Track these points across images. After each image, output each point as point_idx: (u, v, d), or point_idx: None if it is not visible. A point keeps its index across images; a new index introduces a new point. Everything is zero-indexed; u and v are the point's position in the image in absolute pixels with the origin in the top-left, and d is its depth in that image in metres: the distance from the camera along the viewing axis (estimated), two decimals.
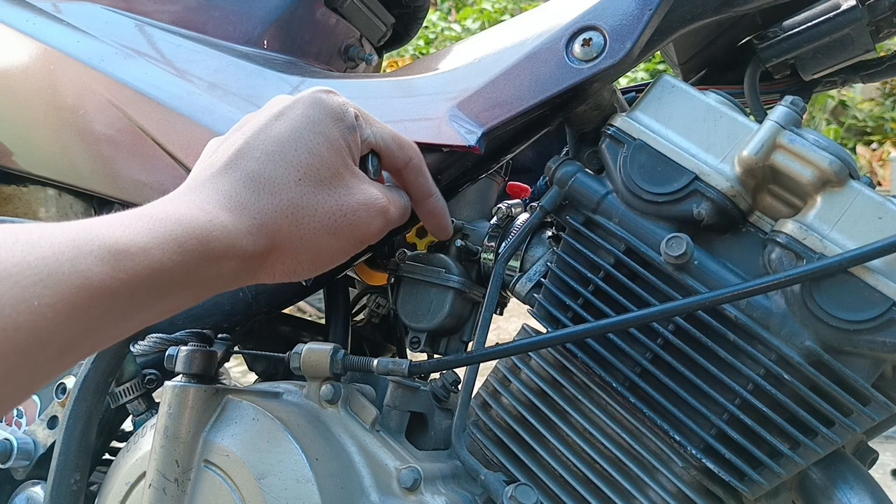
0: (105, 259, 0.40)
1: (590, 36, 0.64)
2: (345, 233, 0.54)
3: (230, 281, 0.50)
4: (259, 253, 0.50)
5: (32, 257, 0.37)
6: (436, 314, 0.77)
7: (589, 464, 0.62)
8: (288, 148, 0.52)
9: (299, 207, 0.52)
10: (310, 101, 0.55)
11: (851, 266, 0.53)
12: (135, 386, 0.72)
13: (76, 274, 0.38)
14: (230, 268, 0.48)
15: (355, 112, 0.58)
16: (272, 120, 0.54)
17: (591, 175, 0.66)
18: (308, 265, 0.54)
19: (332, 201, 0.53)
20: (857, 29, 0.72)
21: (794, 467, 0.56)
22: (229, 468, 0.59)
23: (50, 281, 0.37)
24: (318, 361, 0.64)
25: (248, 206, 0.50)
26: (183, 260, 0.44)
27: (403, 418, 0.67)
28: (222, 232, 0.47)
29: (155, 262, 0.42)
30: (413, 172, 0.62)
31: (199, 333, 0.68)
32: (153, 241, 0.43)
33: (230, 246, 0.47)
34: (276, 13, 0.92)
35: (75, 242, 0.39)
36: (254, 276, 0.52)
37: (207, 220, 0.47)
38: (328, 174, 0.53)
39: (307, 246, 0.53)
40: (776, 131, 0.57)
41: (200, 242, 0.45)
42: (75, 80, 0.84)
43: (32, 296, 0.36)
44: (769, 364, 0.56)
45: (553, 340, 0.61)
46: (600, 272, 0.64)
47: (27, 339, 0.36)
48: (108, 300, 0.40)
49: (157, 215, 0.45)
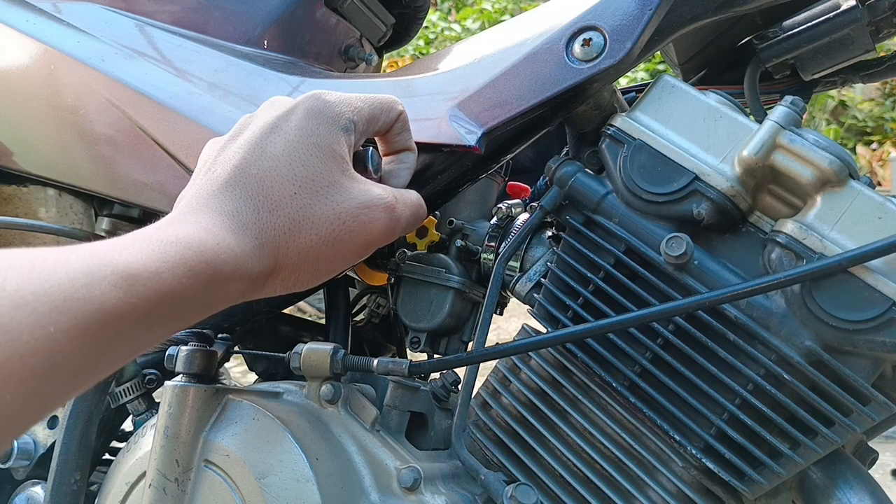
0: (118, 284, 0.41)
1: (590, 36, 0.64)
2: (344, 241, 0.54)
3: (235, 299, 0.51)
4: (264, 273, 0.51)
5: (48, 284, 0.38)
6: (436, 314, 0.77)
7: (589, 464, 0.62)
8: (283, 164, 0.53)
9: (296, 222, 0.52)
10: (303, 112, 0.55)
11: (851, 266, 0.53)
12: (135, 386, 0.72)
13: (90, 300, 0.39)
14: (236, 288, 0.49)
15: (351, 112, 0.58)
16: (268, 133, 0.54)
17: (591, 175, 0.66)
18: (309, 277, 0.55)
19: (328, 211, 0.53)
20: (856, 29, 0.72)
21: (794, 467, 0.56)
22: (229, 468, 0.59)
23: (65, 307, 0.38)
24: (318, 361, 0.64)
25: (251, 227, 0.51)
26: (192, 283, 0.45)
27: (403, 418, 0.67)
28: (230, 255, 0.48)
29: (165, 286, 0.43)
30: (399, 126, 0.63)
31: (199, 333, 0.68)
32: (164, 265, 0.44)
33: (237, 268, 0.48)
34: (276, 13, 0.92)
35: (89, 269, 0.40)
36: (258, 293, 0.53)
37: (215, 244, 0.47)
38: (323, 184, 0.54)
39: (307, 259, 0.53)
40: (776, 131, 0.57)
41: (209, 266, 0.46)
42: (75, 80, 0.84)
43: (48, 322, 0.37)
44: (769, 364, 0.56)
45: (553, 340, 0.61)
46: (600, 272, 0.64)
47: (43, 364, 0.37)
48: (120, 324, 0.41)
49: (166, 238, 0.46)
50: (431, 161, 0.70)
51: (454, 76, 0.70)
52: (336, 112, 0.56)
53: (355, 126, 0.57)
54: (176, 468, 0.60)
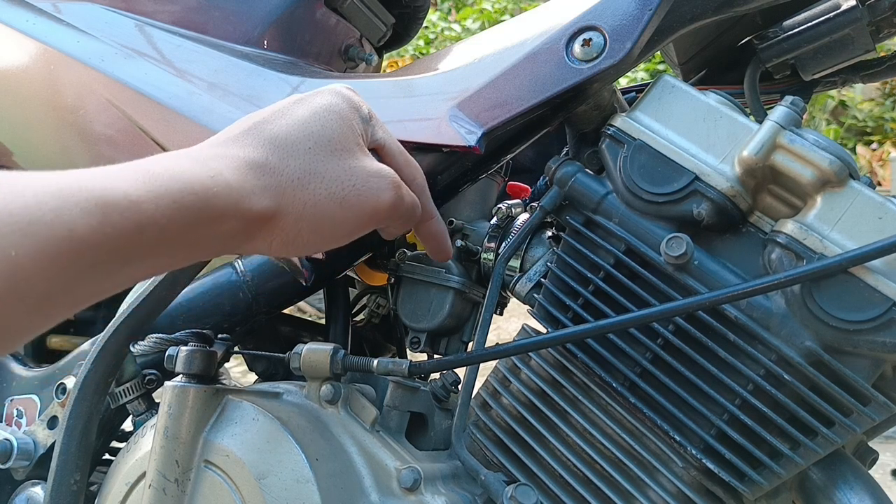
0: (91, 211, 0.38)
1: (590, 36, 0.64)
2: (352, 203, 0.52)
3: (226, 242, 0.47)
4: (262, 215, 0.48)
5: (14, 205, 0.36)
6: (436, 314, 0.77)
7: (589, 464, 0.62)
8: (303, 123, 0.52)
9: (308, 172, 0.50)
10: (329, 92, 0.56)
11: (852, 266, 0.53)
12: (135, 386, 0.72)
13: (59, 225, 0.37)
14: (229, 228, 0.46)
15: (370, 112, 0.58)
16: (293, 104, 0.54)
17: (591, 175, 0.66)
18: (309, 235, 0.52)
19: (341, 170, 0.52)
20: (857, 29, 0.72)
21: (794, 467, 0.56)
22: (229, 468, 0.59)
23: (30, 230, 0.36)
24: (318, 362, 0.64)
25: (257, 167, 0.48)
26: (178, 216, 0.42)
27: (403, 418, 0.67)
28: (225, 189, 0.45)
29: (145, 217, 0.40)
30: (417, 190, 0.60)
31: (199, 334, 0.68)
32: (147, 194, 0.41)
33: (232, 204, 0.45)
34: (276, 13, 0.92)
35: (62, 193, 0.38)
36: (252, 240, 0.49)
37: (210, 177, 0.44)
38: (339, 147, 0.53)
39: (311, 213, 0.51)
40: (776, 131, 0.57)
41: (200, 199, 0.43)
42: (75, 80, 0.84)
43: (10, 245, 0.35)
44: (769, 364, 0.56)
45: (553, 341, 0.61)
46: (600, 272, 0.64)
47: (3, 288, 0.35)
48: (92, 254, 0.38)
49: (154, 169, 0.42)
50: (431, 161, 0.70)
51: (454, 76, 0.70)
52: (358, 101, 0.57)
53: (373, 120, 0.58)
54: (176, 468, 0.60)
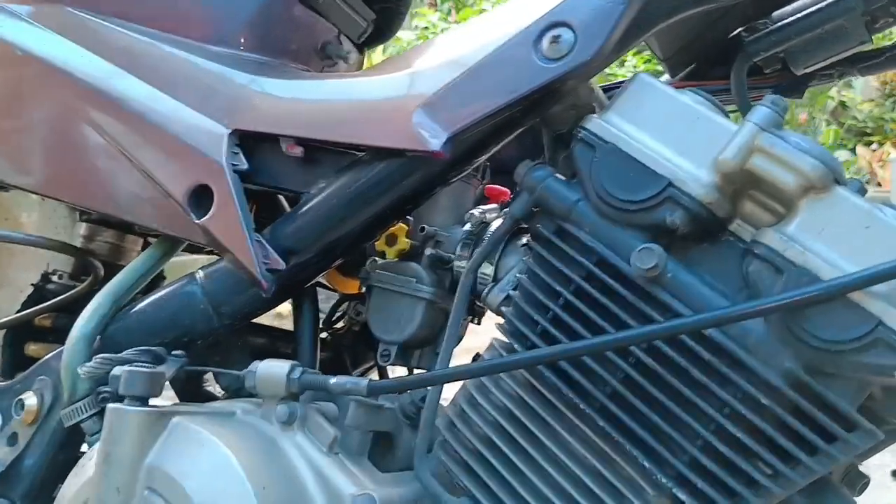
0: None
1: (559, 32, 0.60)
2: None
3: None
4: None
5: None
6: (406, 326, 0.73)
7: (558, 490, 0.58)
8: None
9: None
10: None
11: (852, 292, 0.48)
12: (88, 404, 0.69)
13: None
14: None
15: None
16: None
17: (562, 181, 0.62)
18: None
19: None
20: (851, 19, 0.67)
21: (772, 498, 0.52)
22: (173, 496, 0.56)
23: None
24: (274, 380, 0.61)
25: None
26: None
27: (366, 439, 0.64)
28: None
29: None
30: None
31: (149, 352, 0.65)
32: None
33: None
34: (250, 11, 0.89)
35: None
36: None
37: None
38: None
39: None
40: (755, 133, 0.53)
41: None
42: (46, 85, 0.83)
43: None
44: (746, 386, 0.52)
45: (517, 364, 0.57)
46: (571, 285, 0.59)
47: None
48: None
49: None
50: (395, 166, 0.66)
51: (418, 77, 0.67)
52: None
53: None
54: (116, 496, 0.57)
